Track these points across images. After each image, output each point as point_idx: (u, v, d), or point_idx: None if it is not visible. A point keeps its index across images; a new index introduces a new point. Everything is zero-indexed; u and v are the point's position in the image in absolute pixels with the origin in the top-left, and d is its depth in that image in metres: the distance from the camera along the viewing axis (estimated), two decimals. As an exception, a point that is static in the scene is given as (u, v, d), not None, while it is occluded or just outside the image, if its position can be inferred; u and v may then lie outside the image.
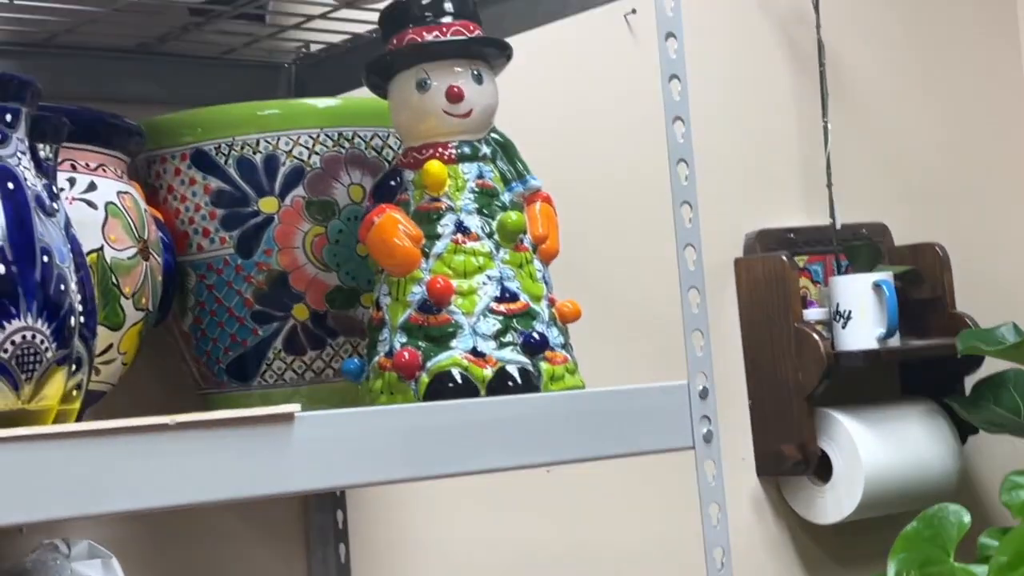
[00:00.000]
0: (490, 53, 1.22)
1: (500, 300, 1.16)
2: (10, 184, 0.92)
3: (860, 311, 1.89)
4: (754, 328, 1.92)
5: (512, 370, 1.14)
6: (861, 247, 1.95)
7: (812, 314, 1.91)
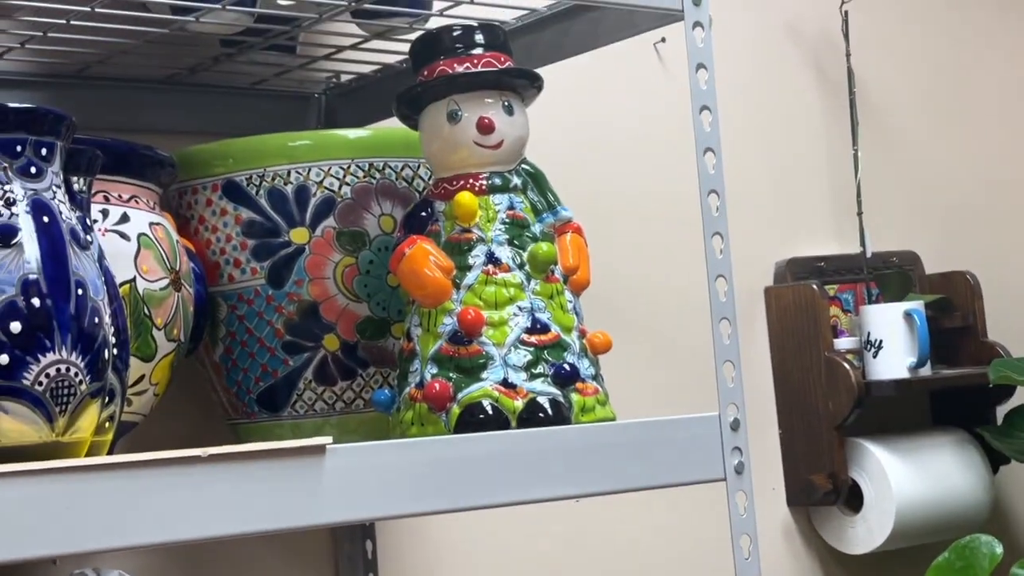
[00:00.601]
0: (521, 84, 1.22)
1: (531, 331, 1.16)
2: (45, 218, 0.93)
3: (891, 340, 1.88)
4: (784, 357, 1.92)
5: (543, 401, 1.14)
6: (892, 275, 1.95)
7: (843, 343, 1.91)
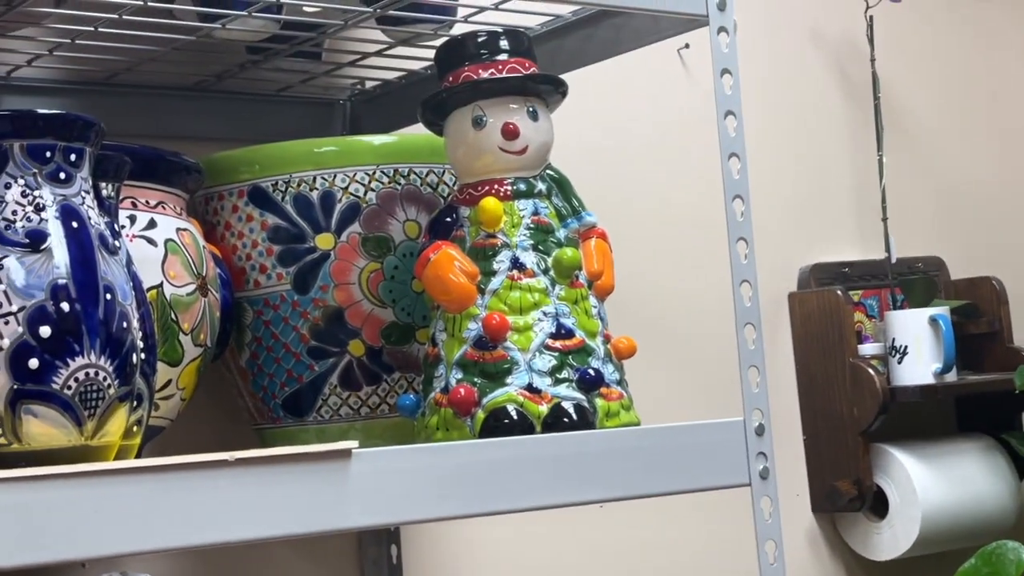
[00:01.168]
0: (545, 90, 1.22)
1: (556, 336, 1.16)
2: (75, 223, 0.93)
3: (916, 346, 1.87)
4: (809, 363, 1.91)
5: (568, 406, 1.14)
6: (917, 281, 1.94)
7: (867, 349, 1.90)
